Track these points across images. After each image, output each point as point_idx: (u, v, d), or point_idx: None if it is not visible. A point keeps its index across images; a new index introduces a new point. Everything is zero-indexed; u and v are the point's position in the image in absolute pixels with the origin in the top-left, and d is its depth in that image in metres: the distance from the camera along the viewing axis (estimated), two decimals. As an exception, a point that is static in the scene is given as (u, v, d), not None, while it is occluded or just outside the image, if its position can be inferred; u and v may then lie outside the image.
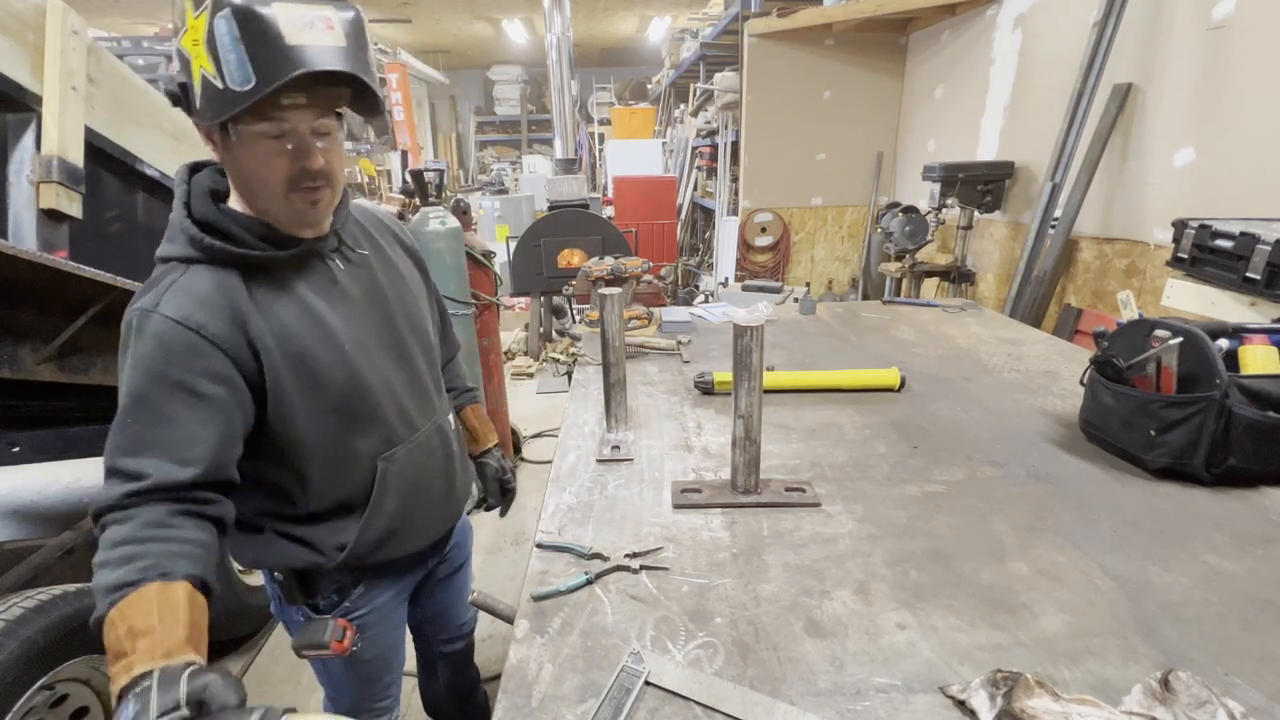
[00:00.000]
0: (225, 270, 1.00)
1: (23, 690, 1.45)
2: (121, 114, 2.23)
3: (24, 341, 1.85)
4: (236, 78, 0.86)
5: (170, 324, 0.94)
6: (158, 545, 0.89)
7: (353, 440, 1.12)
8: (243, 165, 0.97)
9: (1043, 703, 0.79)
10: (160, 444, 0.92)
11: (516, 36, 13.23)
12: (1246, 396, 1.29)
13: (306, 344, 1.04)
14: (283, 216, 1.02)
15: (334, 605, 1.23)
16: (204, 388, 0.95)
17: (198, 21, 0.86)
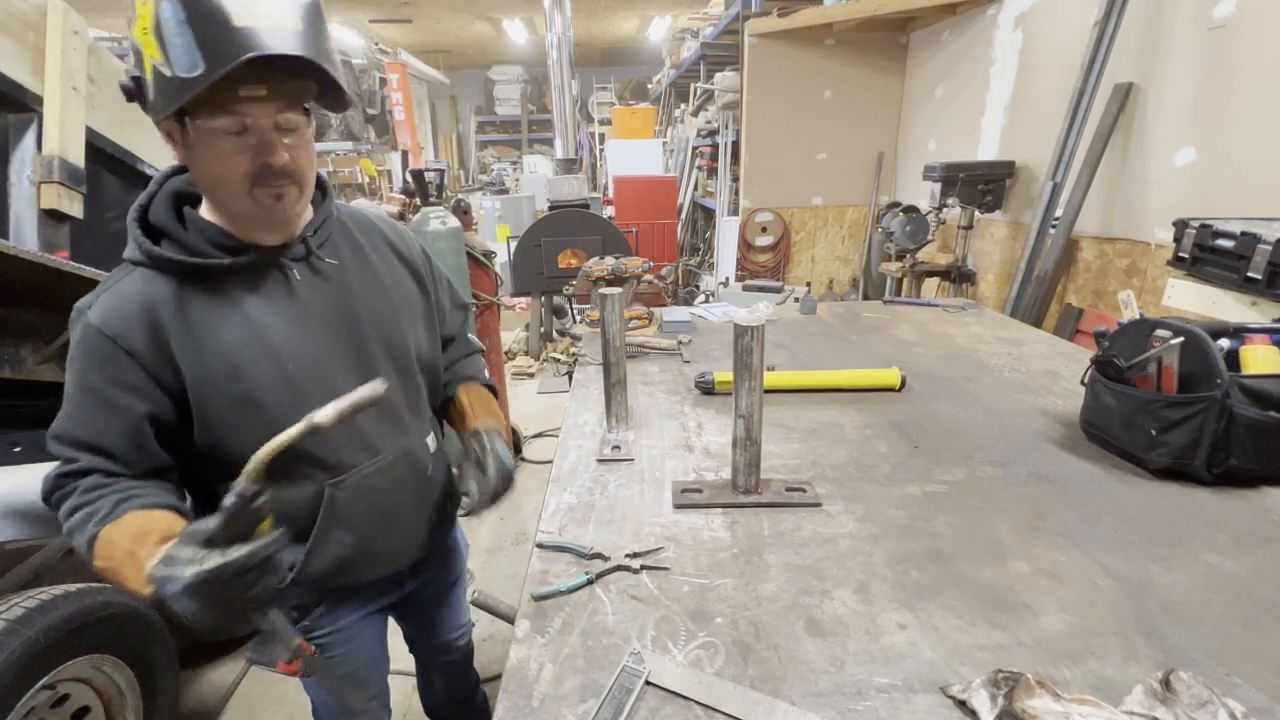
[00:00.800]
0: (162, 278, 0.97)
1: (24, 690, 1.45)
2: (122, 114, 2.23)
3: (25, 341, 1.86)
4: (183, 63, 0.80)
5: (93, 329, 0.94)
6: (103, 501, 0.94)
7: (291, 464, 1.00)
8: (202, 163, 0.92)
9: (1044, 703, 0.79)
10: (85, 440, 0.96)
11: (517, 36, 13.23)
12: (1248, 396, 1.29)
13: (241, 360, 0.99)
14: (248, 217, 0.98)
15: (293, 622, 1.14)
16: (116, 396, 0.95)
17: (145, 8, 0.81)
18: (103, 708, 1.70)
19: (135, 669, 1.76)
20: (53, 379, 1.94)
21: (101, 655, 1.67)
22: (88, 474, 0.97)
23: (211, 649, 2.52)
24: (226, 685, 2.38)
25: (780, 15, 5.57)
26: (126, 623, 1.74)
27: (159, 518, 0.94)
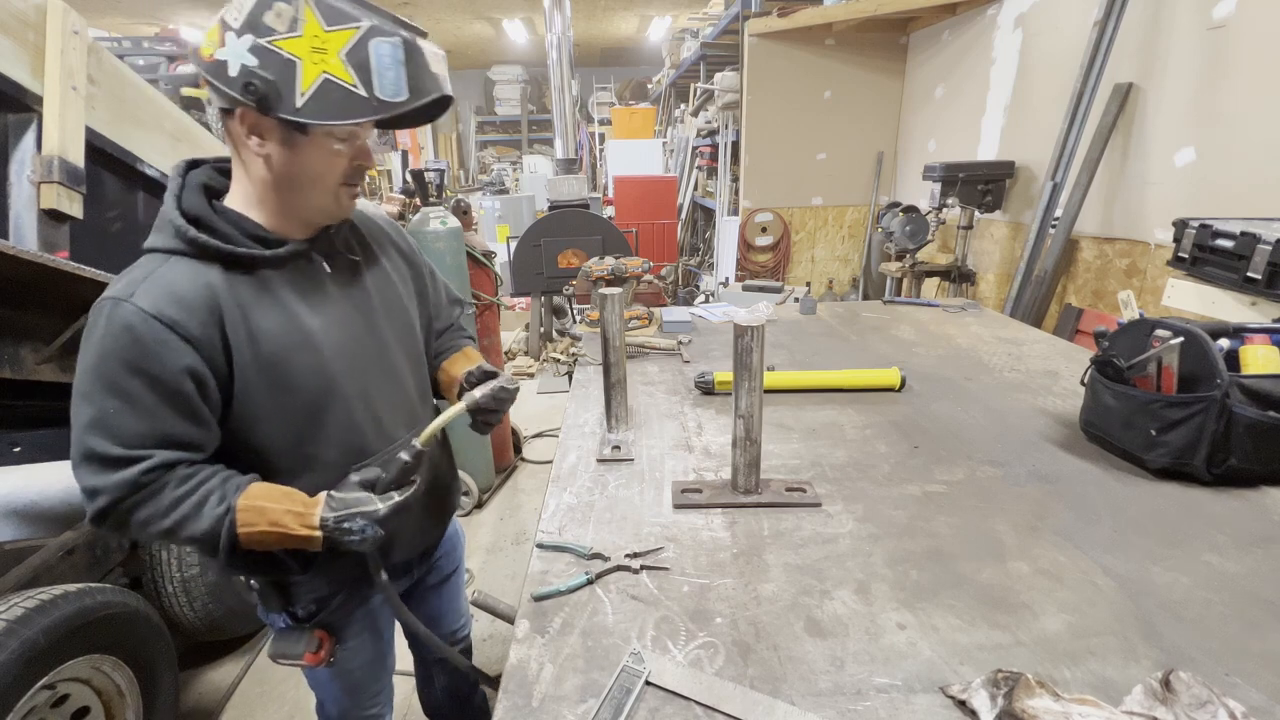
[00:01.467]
0: (207, 266, 0.99)
1: (24, 690, 1.45)
2: (122, 114, 2.23)
3: (25, 341, 1.86)
4: (389, 90, 0.95)
5: (143, 316, 0.93)
6: (212, 481, 0.99)
7: (319, 449, 1.09)
8: (306, 161, 0.99)
9: (1043, 703, 0.79)
10: (151, 431, 0.95)
11: (517, 36, 13.23)
12: (1247, 396, 1.29)
13: (282, 347, 1.03)
14: (324, 207, 1.06)
15: (312, 615, 1.20)
16: (179, 382, 0.95)
17: (331, 35, 0.92)
18: (103, 708, 1.70)
19: (135, 669, 1.76)
20: (53, 379, 1.94)
21: (101, 655, 1.67)
22: (171, 468, 0.97)
23: (211, 649, 2.52)
24: (226, 685, 2.38)
25: (780, 15, 5.57)
26: (126, 623, 1.74)
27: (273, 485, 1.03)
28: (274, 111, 0.93)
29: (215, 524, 0.96)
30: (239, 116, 0.96)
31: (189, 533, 0.97)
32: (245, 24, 0.91)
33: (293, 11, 0.91)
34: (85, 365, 0.95)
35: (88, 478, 0.95)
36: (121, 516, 0.96)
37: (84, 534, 2.04)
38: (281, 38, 0.91)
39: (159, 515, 0.96)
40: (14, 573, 1.80)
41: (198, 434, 0.99)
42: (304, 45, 0.91)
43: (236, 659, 2.50)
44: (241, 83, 0.91)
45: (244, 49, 0.91)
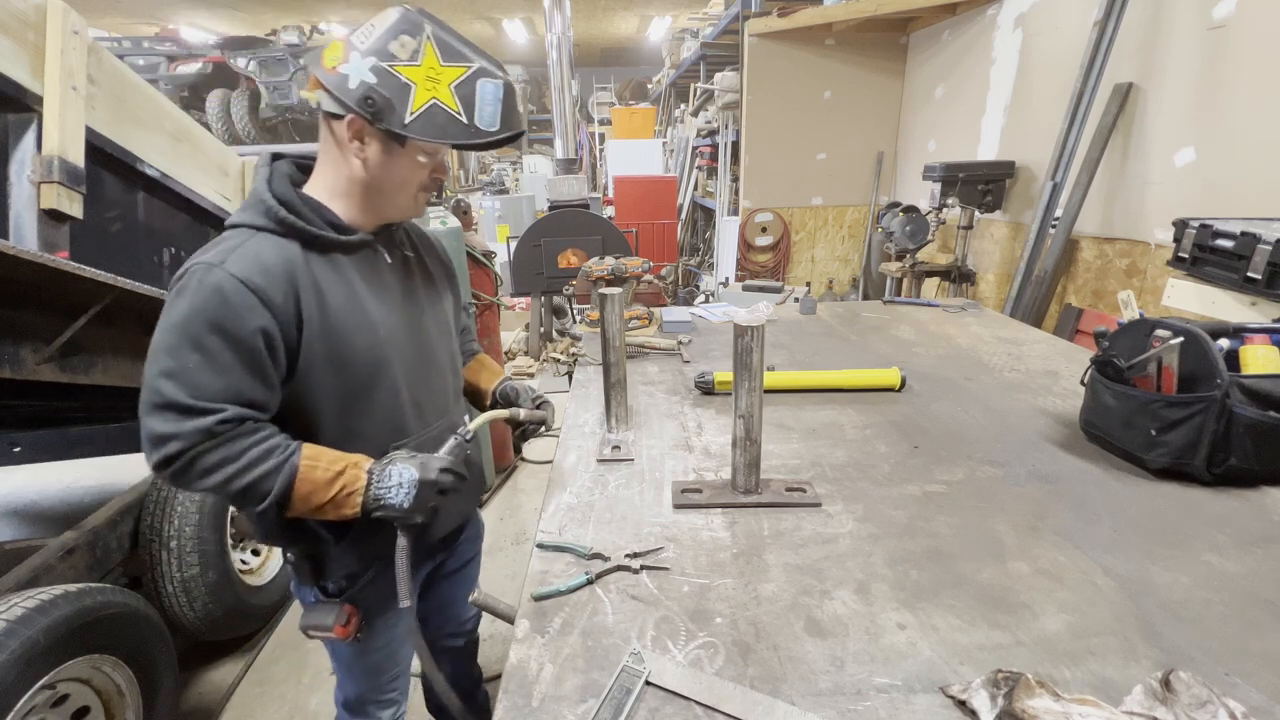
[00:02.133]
0: (288, 243, 1.10)
1: (24, 690, 1.45)
2: (122, 114, 2.23)
3: (25, 341, 1.85)
4: (487, 120, 1.11)
5: (234, 281, 1.03)
6: (279, 436, 1.08)
7: (364, 422, 1.18)
8: (395, 167, 1.13)
9: (1043, 703, 0.79)
10: (226, 388, 1.03)
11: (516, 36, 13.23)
12: (1247, 396, 1.29)
13: (345, 324, 1.13)
14: (403, 207, 1.21)
15: (342, 590, 1.27)
16: (255, 343, 1.04)
17: (446, 69, 1.08)
18: (103, 708, 1.69)
19: (135, 669, 1.76)
20: (52, 379, 1.94)
21: (101, 655, 1.67)
22: (237, 422, 1.04)
23: (211, 649, 2.52)
24: (226, 685, 2.38)
25: (780, 15, 5.57)
26: (126, 623, 1.74)
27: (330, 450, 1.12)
28: (384, 123, 1.06)
29: (278, 466, 1.05)
30: (347, 122, 1.08)
31: (252, 477, 1.03)
32: (372, 48, 1.05)
33: (415, 45, 1.07)
34: (171, 321, 1.03)
35: (160, 425, 1.01)
36: (186, 464, 1.02)
37: (84, 534, 2.04)
38: (402, 64, 1.06)
39: (225, 462, 1.03)
40: (14, 573, 1.80)
41: (264, 394, 1.07)
42: (420, 73, 1.06)
43: (236, 659, 2.50)
44: (360, 95, 1.04)
45: (366, 68, 1.05)
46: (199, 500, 2.26)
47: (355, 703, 1.44)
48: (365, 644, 1.32)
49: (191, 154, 2.60)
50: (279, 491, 1.04)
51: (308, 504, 1.08)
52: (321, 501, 1.08)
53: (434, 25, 1.10)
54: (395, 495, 1.10)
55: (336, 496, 1.08)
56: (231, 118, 9.52)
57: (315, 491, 1.07)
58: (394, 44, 1.06)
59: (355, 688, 1.42)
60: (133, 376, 2.24)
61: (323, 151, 1.16)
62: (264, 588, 2.59)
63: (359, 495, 1.09)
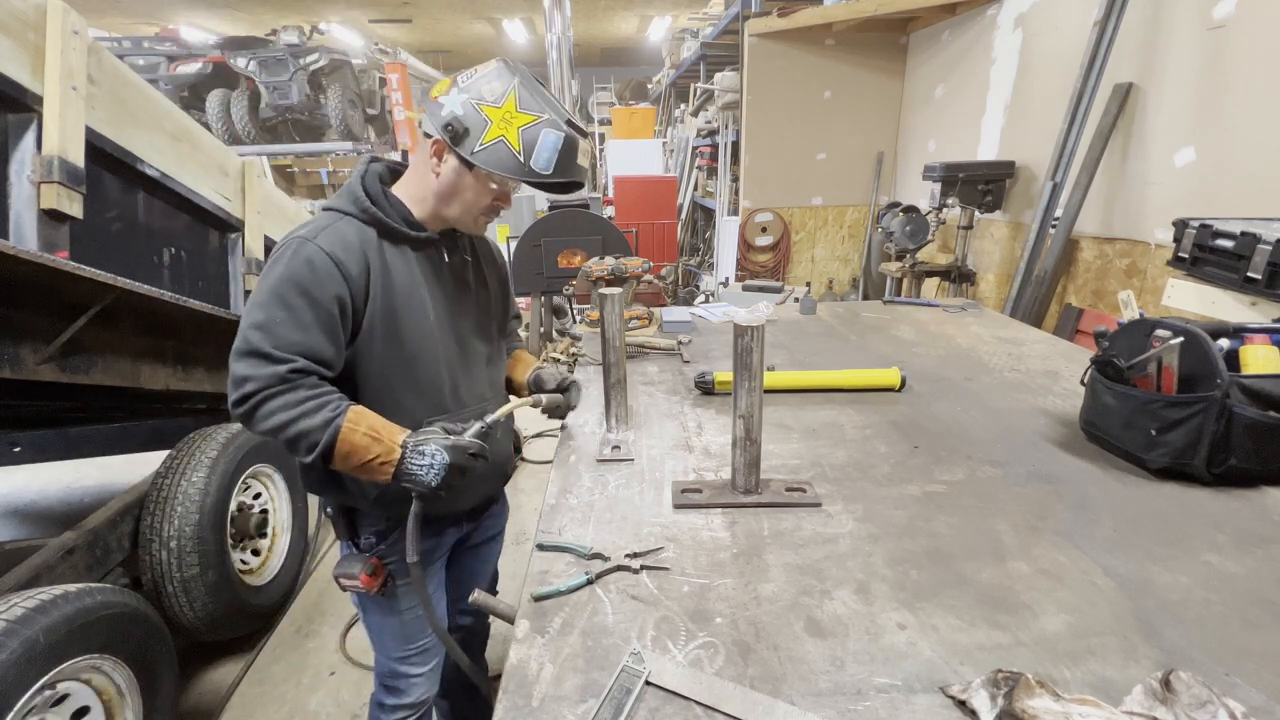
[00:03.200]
0: (368, 229, 1.29)
1: (24, 690, 1.45)
2: (122, 114, 2.23)
3: (25, 341, 1.85)
4: (542, 165, 1.26)
5: (321, 254, 1.22)
6: (334, 394, 1.22)
7: (407, 394, 1.33)
8: (463, 189, 1.30)
9: (1043, 703, 0.79)
10: (302, 342, 1.19)
11: (516, 36, 13.24)
12: (1247, 396, 1.29)
13: (403, 304, 1.30)
14: (464, 223, 1.37)
15: (371, 546, 1.42)
16: (332, 307, 1.22)
17: (520, 116, 1.24)
18: (103, 708, 1.69)
19: (135, 669, 1.76)
20: (52, 379, 1.94)
21: (101, 655, 1.67)
22: (307, 374, 1.19)
23: (211, 649, 2.52)
24: (226, 685, 2.38)
25: (780, 15, 5.57)
26: (126, 623, 1.74)
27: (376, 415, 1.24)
28: (459, 148, 1.25)
29: (325, 423, 1.17)
30: (433, 141, 1.27)
31: (303, 426, 1.17)
32: (468, 87, 1.25)
33: (501, 90, 1.25)
34: (267, 283, 1.20)
35: (245, 368, 1.17)
36: (258, 403, 1.16)
37: (84, 534, 2.04)
38: (486, 103, 1.24)
39: (287, 407, 1.16)
40: (14, 573, 1.80)
41: (332, 354, 1.23)
42: (498, 114, 1.24)
43: (236, 659, 2.50)
44: (444, 121, 1.24)
45: (458, 101, 1.24)
46: (199, 500, 2.26)
47: (389, 676, 1.53)
48: (393, 604, 1.45)
49: (191, 154, 2.60)
50: (324, 446, 1.17)
51: (347, 463, 1.20)
52: (358, 463, 1.20)
53: (523, 79, 1.27)
54: (426, 474, 1.21)
55: (371, 462, 1.20)
56: (231, 118, 9.52)
57: (354, 453, 1.19)
58: (485, 87, 1.25)
59: (387, 657, 1.52)
60: (133, 376, 2.24)
61: (415, 162, 1.36)
62: (264, 588, 2.59)
63: (391, 466, 1.21)
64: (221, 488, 2.36)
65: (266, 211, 3.11)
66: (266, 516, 2.71)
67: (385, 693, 1.54)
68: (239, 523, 2.54)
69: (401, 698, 1.53)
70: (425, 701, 1.57)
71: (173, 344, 2.41)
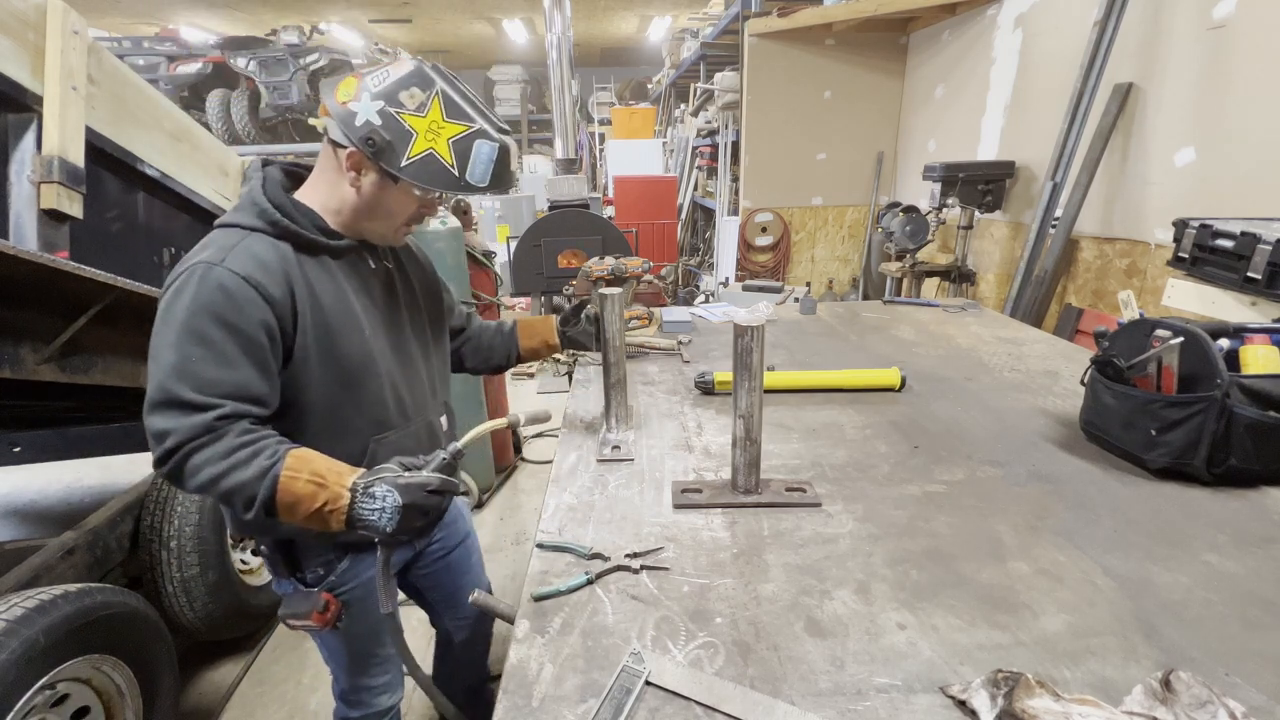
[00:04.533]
0: (280, 243, 1.17)
1: (24, 690, 1.45)
2: (122, 114, 2.23)
3: (25, 341, 1.85)
4: (477, 177, 1.18)
5: (236, 278, 1.08)
6: (269, 439, 1.10)
7: (351, 415, 1.24)
8: (386, 201, 1.21)
9: (1043, 703, 0.79)
10: (227, 380, 1.07)
11: (516, 36, 13.24)
12: (1247, 396, 1.29)
13: (335, 321, 1.19)
14: (385, 236, 1.29)
15: (320, 579, 1.32)
16: (258, 335, 1.10)
17: (449, 125, 1.15)
18: (103, 708, 1.69)
19: (135, 669, 1.76)
20: (52, 379, 1.94)
21: (101, 655, 1.67)
22: (234, 420, 1.07)
23: (211, 649, 2.52)
24: (226, 685, 2.38)
25: (780, 15, 5.57)
26: (126, 623, 1.74)
27: (318, 456, 1.12)
28: (382, 162, 1.14)
29: (262, 473, 1.05)
30: (348, 154, 1.16)
31: (236, 479, 1.05)
32: (382, 92, 1.13)
33: (423, 98, 1.14)
34: (173, 318, 1.07)
35: (161, 421, 1.05)
36: (183, 459, 1.05)
37: (84, 534, 2.04)
38: (407, 112, 1.13)
39: (215, 459, 1.04)
40: (14, 573, 1.80)
41: (265, 388, 1.12)
42: (423, 124, 1.14)
43: (236, 659, 2.50)
44: (363, 134, 1.12)
45: (374, 109, 1.12)
46: (199, 500, 2.26)
47: (350, 692, 1.47)
48: (348, 630, 1.35)
49: (191, 154, 2.60)
50: (264, 498, 1.05)
51: (293, 514, 1.08)
52: (305, 513, 1.08)
53: (445, 83, 1.17)
54: (378, 518, 1.09)
55: (320, 510, 1.08)
56: (231, 118, 9.52)
57: (298, 503, 1.07)
58: (404, 93, 1.14)
59: (347, 677, 1.45)
60: (133, 376, 2.24)
61: (321, 169, 1.23)
62: (264, 588, 2.59)
63: (342, 513, 1.09)
64: (221, 488, 2.36)
65: (266, 211, 3.10)
66: (266, 516, 2.71)
67: (348, 708, 1.48)
68: (239, 523, 2.54)
69: (367, 710, 1.48)
70: (394, 707, 1.52)
71: (173, 344, 2.41)
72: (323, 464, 1.10)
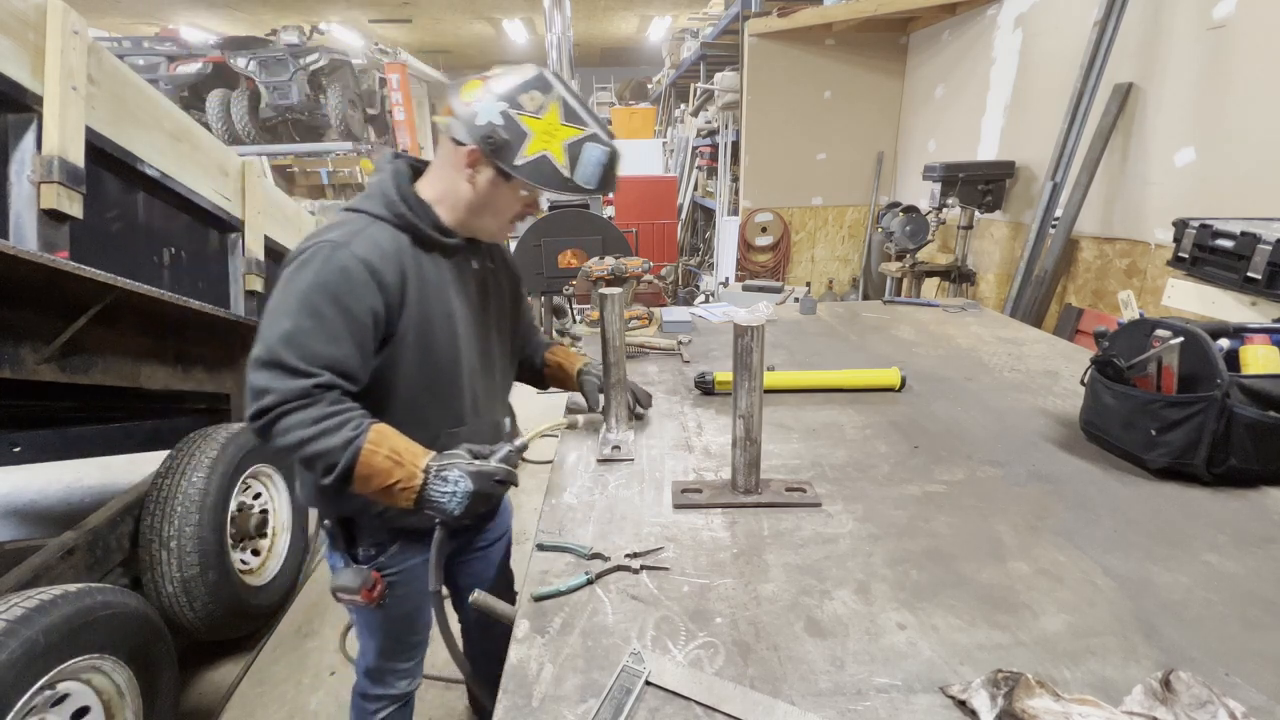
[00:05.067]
0: (401, 235, 1.25)
1: (24, 690, 1.45)
2: (122, 114, 2.23)
3: (25, 341, 1.86)
4: (585, 178, 1.25)
5: (357, 262, 1.17)
6: (355, 412, 1.16)
7: (431, 407, 1.31)
8: (496, 198, 1.28)
9: (1043, 703, 0.79)
10: (330, 355, 1.14)
11: (516, 36, 13.25)
12: (1247, 396, 1.29)
13: (435, 314, 1.27)
14: (492, 232, 1.36)
15: (370, 558, 1.39)
16: (365, 318, 1.18)
17: (565, 129, 1.22)
18: (103, 708, 1.69)
19: (135, 669, 1.76)
20: (52, 379, 1.94)
21: (101, 655, 1.67)
22: (330, 389, 1.14)
23: (211, 649, 2.52)
24: (226, 685, 2.38)
25: (780, 15, 5.57)
26: (126, 623, 1.74)
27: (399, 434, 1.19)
28: (499, 160, 1.21)
29: (345, 443, 1.12)
30: (467, 151, 1.22)
31: (322, 445, 1.11)
32: (504, 94, 1.19)
33: (543, 101, 1.21)
34: (293, 289, 1.15)
35: (263, 379, 1.12)
36: (276, 418, 1.11)
37: (84, 534, 2.04)
38: (526, 114, 1.20)
39: (306, 423, 1.11)
40: (14, 573, 1.80)
41: (358, 367, 1.19)
42: (540, 125, 1.21)
43: (236, 659, 2.50)
44: (484, 133, 1.19)
45: (496, 110, 1.19)
46: (199, 500, 2.26)
47: (376, 670, 1.53)
48: (388, 611, 1.42)
49: (191, 154, 2.60)
50: (343, 467, 1.12)
51: (367, 485, 1.15)
52: (378, 487, 1.15)
53: (564, 88, 1.24)
54: (449, 502, 1.16)
55: (392, 487, 1.14)
56: (231, 118, 9.52)
57: (374, 476, 1.13)
58: (524, 96, 1.20)
59: (376, 656, 1.51)
60: (132, 376, 2.24)
61: (439, 164, 1.30)
62: (264, 588, 2.59)
63: (413, 492, 1.15)
64: (221, 488, 2.36)
65: (266, 212, 3.11)
66: (266, 516, 2.71)
67: (370, 683, 1.55)
68: (239, 523, 2.54)
69: (388, 689, 1.54)
70: (410, 694, 1.59)
71: (173, 344, 2.41)
72: (401, 442, 1.17)
